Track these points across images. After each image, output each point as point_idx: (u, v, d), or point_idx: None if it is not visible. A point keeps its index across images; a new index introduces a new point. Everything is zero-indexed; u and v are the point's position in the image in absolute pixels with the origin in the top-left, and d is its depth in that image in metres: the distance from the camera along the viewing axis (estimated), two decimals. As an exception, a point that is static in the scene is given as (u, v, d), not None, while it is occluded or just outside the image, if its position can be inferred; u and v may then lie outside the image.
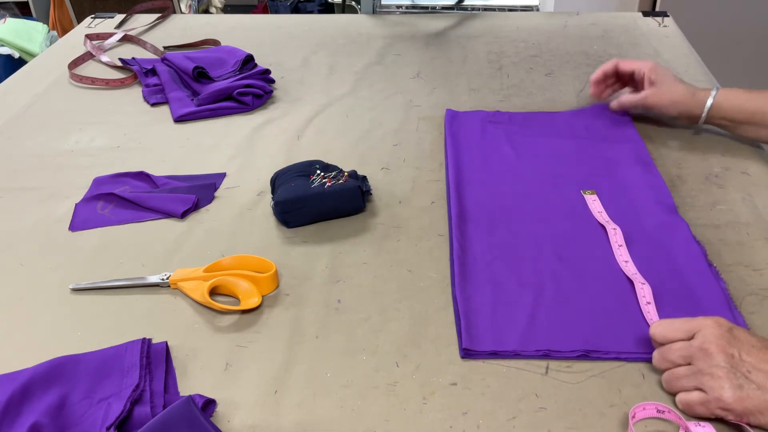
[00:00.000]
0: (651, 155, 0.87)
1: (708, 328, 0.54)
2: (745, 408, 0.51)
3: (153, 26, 1.41)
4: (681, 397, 0.54)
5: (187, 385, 0.58)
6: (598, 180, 0.82)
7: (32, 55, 2.53)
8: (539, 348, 0.59)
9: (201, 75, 1.11)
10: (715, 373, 0.52)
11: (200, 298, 0.66)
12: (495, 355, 0.59)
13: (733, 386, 0.51)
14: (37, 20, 2.81)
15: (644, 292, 0.64)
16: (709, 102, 0.87)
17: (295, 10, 3.13)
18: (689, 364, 0.54)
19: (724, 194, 0.80)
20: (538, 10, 1.87)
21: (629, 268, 0.67)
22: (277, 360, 0.60)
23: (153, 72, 1.16)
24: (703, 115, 0.88)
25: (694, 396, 0.53)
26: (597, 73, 0.97)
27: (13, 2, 3.01)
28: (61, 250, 0.76)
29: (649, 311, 0.62)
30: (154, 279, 0.69)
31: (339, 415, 0.55)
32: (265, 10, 3.23)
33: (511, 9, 1.83)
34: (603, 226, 0.74)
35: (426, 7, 1.77)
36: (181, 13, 2.82)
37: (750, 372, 0.51)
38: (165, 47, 1.29)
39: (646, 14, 1.38)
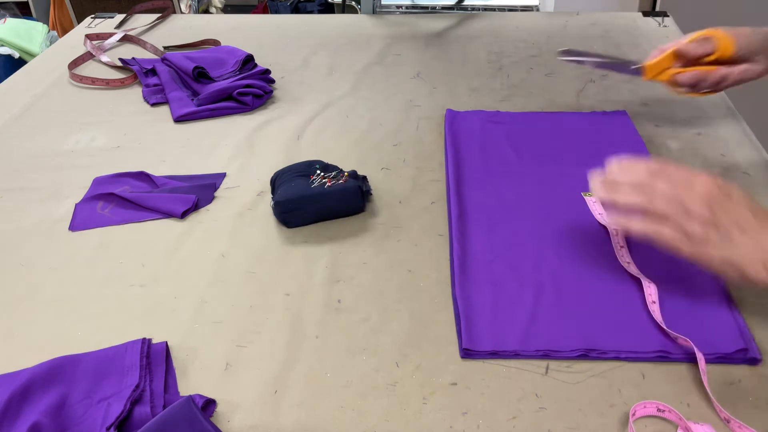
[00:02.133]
0: (651, 156, 0.87)
1: (704, 184, 0.58)
2: (708, 254, 0.57)
3: (153, 26, 1.41)
4: (654, 228, 0.59)
5: (187, 385, 0.58)
6: (598, 180, 0.82)
7: (32, 55, 2.53)
8: (539, 348, 0.59)
9: (201, 75, 1.11)
10: (692, 210, 0.57)
11: None
12: (495, 355, 0.59)
13: (705, 225, 0.57)
14: (37, 20, 2.82)
15: (650, 290, 0.64)
16: None
17: (295, 10, 3.13)
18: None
19: (724, 194, 0.80)
20: (538, 10, 1.87)
21: (632, 269, 0.67)
22: (277, 360, 0.60)
23: (153, 72, 1.16)
24: None
25: (669, 233, 0.58)
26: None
27: (13, 2, 3.01)
28: (61, 250, 0.76)
29: (654, 310, 0.62)
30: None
31: (339, 415, 0.55)
32: (265, 10, 3.23)
33: (511, 9, 1.83)
34: (604, 227, 0.74)
35: (426, 7, 1.77)
36: (181, 13, 2.82)
37: (731, 228, 0.56)
38: (165, 47, 1.29)
39: (646, 14, 1.38)
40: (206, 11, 3.13)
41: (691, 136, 0.93)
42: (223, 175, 0.88)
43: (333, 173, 0.79)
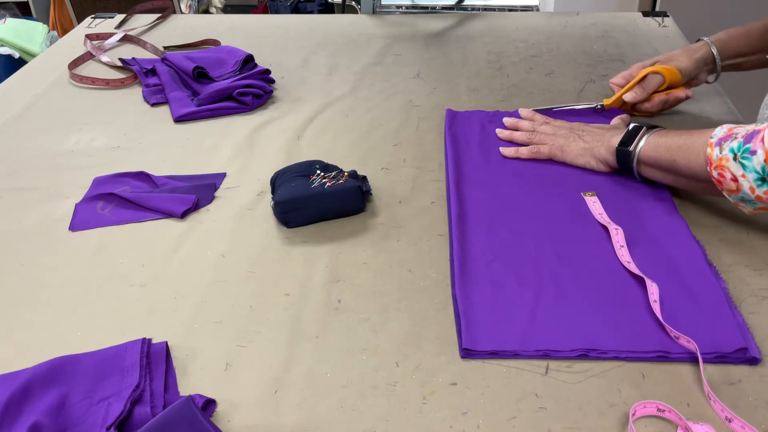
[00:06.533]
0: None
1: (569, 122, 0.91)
2: (570, 151, 0.85)
3: (153, 26, 1.41)
4: (534, 148, 0.87)
5: (187, 385, 0.58)
6: (597, 180, 0.82)
7: (32, 55, 2.53)
8: (539, 348, 0.59)
9: (201, 75, 1.11)
10: (559, 133, 0.88)
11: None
12: (495, 355, 0.59)
13: (567, 137, 0.86)
14: (37, 20, 2.82)
15: (653, 289, 0.64)
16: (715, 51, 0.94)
17: (295, 10, 3.13)
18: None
19: (724, 194, 0.80)
20: (538, 10, 1.87)
21: (633, 269, 0.67)
22: (277, 360, 0.60)
23: (153, 72, 1.16)
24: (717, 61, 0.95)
25: (545, 148, 0.86)
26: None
27: (13, 2, 3.01)
28: (61, 250, 0.76)
29: (656, 309, 0.62)
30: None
31: (339, 415, 0.55)
32: (265, 10, 3.23)
33: (511, 9, 1.84)
34: (604, 227, 0.74)
35: (426, 7, 1.77)
36: (181, 13, 2.82)
37: (583, 133, 0.86)
38: (165, 47, 1.29)
39: (646, 14, 1.38)
40: (206, 11, 3.13)
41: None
42: (223, 175, 0.88)
43: (333, 173, 0.79)
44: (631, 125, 0.79)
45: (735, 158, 0.65)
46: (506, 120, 0.95)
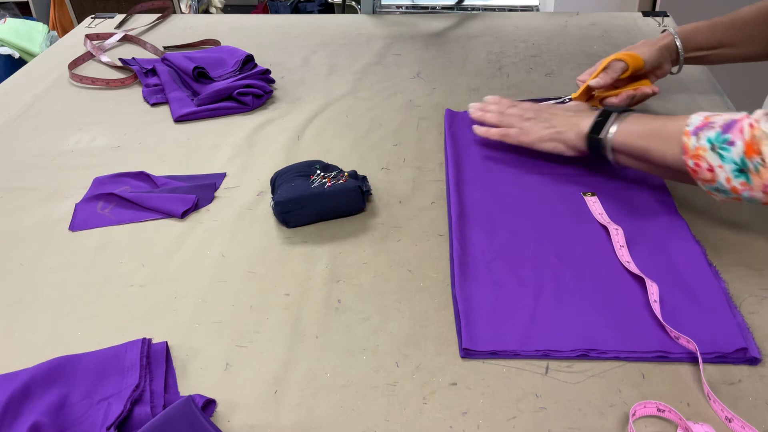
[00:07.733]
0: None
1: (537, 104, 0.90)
2: (538, 136, 0.83)
3: (153, 26, 1.41)
4: (503, 130, 0.87)
5: (187, 385, 0.58)
6: (598, 180, 0.82)
7: (32, 55, 2.53)
8: (539, 348, 0.59)
9: (201, 75, 1.11)
10: (526, 116, 0.86)
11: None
12: (495, 355, 0.59)
13: (534, 121, 0.85)
14: (37, 20, 2.82)
15: (653, 289, 0.64)
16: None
17: (295, 10, 3.13)
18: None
19: (724, 194, 0.80)
20: (538, 10, 1.87)
21: (633, 268, 0.67)
22: (277, 360, 0.60)
23: (153, 72, 1.16)
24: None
25: (513, 131, 0.86)
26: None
27: (13, 2, 3.02)
28: (61, 250, 0.76)
29: (656, 309, 0.62)
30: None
31: (339, 415, 0.55)
32: (265, 10, 3.23)
33: (511, 9, 1.84)
34: (604, 227, 0.74)
35: (426, 7, 1.77)
36: (181, 13, 2.82)
37: (551, 116, 0.84)
38: (165, 47, 1.29)
39: (646, 14, 1.38)
40: (206, 11, 3.13)
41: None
42: (223, 175, 0.88)
43: (333, 173, 0.79)
44: (601, 110, 0.79)
45: (713, 148, 0.64)
46: (472, 105, 0.94)
